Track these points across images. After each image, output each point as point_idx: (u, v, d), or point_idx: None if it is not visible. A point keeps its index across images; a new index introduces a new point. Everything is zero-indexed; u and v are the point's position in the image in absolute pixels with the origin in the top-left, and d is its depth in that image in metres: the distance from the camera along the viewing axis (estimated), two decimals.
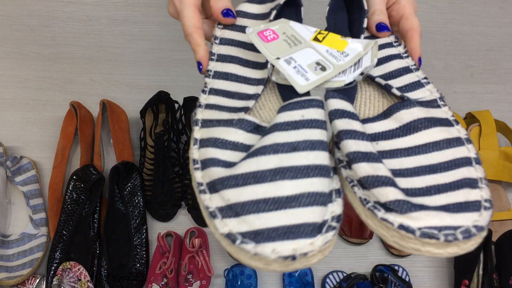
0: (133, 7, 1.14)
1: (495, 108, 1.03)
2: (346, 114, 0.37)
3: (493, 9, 1.20)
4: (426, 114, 0.38)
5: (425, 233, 0.30)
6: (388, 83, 0.42)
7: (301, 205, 0.31)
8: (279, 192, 0.31)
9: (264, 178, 0.32)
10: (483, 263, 0.82)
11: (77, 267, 0.81)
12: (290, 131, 0.35)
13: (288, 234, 0.30)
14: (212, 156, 0.35)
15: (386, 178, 0.33)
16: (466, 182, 0.33)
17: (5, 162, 0.87)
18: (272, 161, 0.33)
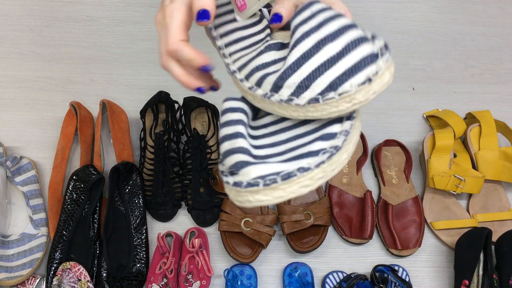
0: (133, 7, 1.14)
1: (495, 108, 1.03)
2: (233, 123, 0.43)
3: (493, 9, 1.20)
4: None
5: (249, 183, 0.36)
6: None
7: (352, 50, 0.38)
8: (329, 54, 0.38)
9: (310, 53, 0.39)
10: (483, 263, 0.82)
11: (77, 267, 0.81)
12: (310, 21, 0.41)
13: (356, 70, 0.37)
14: (262, 74, 0.42)
15: (239, 148, 0.39)
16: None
17: (5, 162, 0.87)
18: (309, 40, 0.40)
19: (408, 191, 0.94)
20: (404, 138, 0.99)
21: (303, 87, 0.38)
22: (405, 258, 0.89)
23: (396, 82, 1.09)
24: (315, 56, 0.39)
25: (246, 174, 0.37)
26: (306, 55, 0.39)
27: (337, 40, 0.39)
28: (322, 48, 0.39)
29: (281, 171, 0.36)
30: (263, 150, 0.41)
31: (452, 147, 0.94)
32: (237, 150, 0.39)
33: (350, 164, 0.96)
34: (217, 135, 0.95)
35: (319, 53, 0.39)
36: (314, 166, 0.37)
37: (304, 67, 0.39)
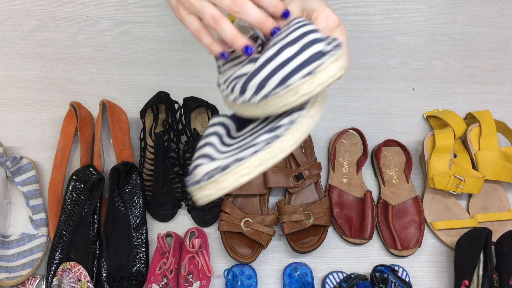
0: (133, 7, 1.14)
1: (495, 108, 1.03)
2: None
3: (493, 9, 1.20)
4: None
5: (197, 181, 0.42)
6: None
7: (305, 50, 0.41)
8: (285, 56, 0.42)
9: (272, 58, 0.43)
10: (483, 263, 0.82)
11: (77, 267, 0.81)
12: (283, 33, 0.45)
13: (302, 66, 0.41)
14: (236, 82, 0.46)
15: (202, 155, 0.44)
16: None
17: (5, 162, 0.87)
18: (274, 48, 0.44)
19: (408, 191, 0.94)
20: (404, 138, 0.99)
21: (261, 87, 0.42)
22: (405, 258, 0.89)
23: (396, 82, 1.09)
24: (275, 59, 0.43)
25: (196, 175, 0.43)
26: (268, 60, 0.43)
27: (296, 44, 0.43)
28: (281, 52, 0.43)
29: (220, 165, 0.41)
30: (226, 154, 0.45)
31: (452, 147, 0.94)
32: (199, 156, 0.45)
33: (350, 164, 0.96)
34: None
35: (278, 57, 0.43)
36: (249, 155, 0.41)
37: (265, 70, 0.43)
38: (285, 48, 0.43)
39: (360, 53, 1.11)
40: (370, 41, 1.14)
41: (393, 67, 1.11)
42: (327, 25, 0.50)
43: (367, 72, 1.10)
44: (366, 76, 1.09)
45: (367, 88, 1.08)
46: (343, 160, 0.96)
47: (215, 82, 1.07)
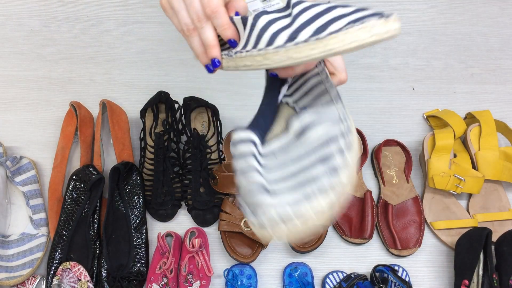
0: (133, 7, 1.14)
1: (495, 108, 1.03)
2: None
3: (493, 9, 1.20)
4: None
5: (269, 221, 0.40)
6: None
7: (362, 11, 0.40)
8: (341, 12, 0.41)
9: (324, 12, 0.41)
10: (483, 263, 0.82)
11: (77, 267, 0.81)
12: (319, 5, 0.43)
13: (361, 19, 0.39)
14: (271, 34, 0.43)
15: (255, 185, 0.43)
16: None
17: (5, 162, 0.87)
18: (319, 8, 0.42)
19: (408, 191, 0.94)
20: (404, 138, 0.99)
21: (321, 30, 0.40)
22: (405, 258, 0.89)
23: (396, 82, 1.09)
24: (328, 13, 0.41)
25: (264, 214, 0.41)
26: (316, 15, 0.41)
27: (347, 7, 0.41)
28: (334, 10, 0.41)
29: (295, 209, 0.40)
30: (277, 185, 0.43)
31: (452, 147, 0.94)
32: (254, 188, 0.43)
33: None
34: (217, 135, 0.95)
35: (331, 11, 0.41)
36: (325, 206, 0.40)
37: (318, 20, 0.41)
38: (337, 7, 0.41)
39: (360, 53, 1.11)
40: None
41: (393, 67, 1.11)
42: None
43: (367, 72, 1.10)
44: (366, 76, 1.09)
45: (367, 88, 1.08)
46: None
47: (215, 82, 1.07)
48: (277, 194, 0.42)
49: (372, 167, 0.99)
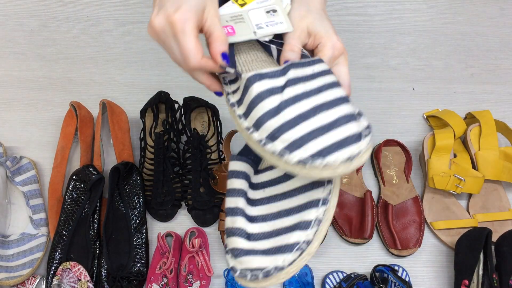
0: (133, 7, 1.14)
1: (495, 108, 1.03)
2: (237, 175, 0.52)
3: (493, 9, 1.20)
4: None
5: (241, 273, 0.44)
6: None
7: (342, 124, 0.42)
8: (324, 121, 0.43)
9: (308, 115, 0.43)
10: (483, 263, 0.82)
11: (77, 267, 0.81)
12: (311, 81, 0.46)
13: (342, 145, 0.41)
14: (258, 116, 0.45)
15: (238, 230, 0.47)
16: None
17: (5, 162, 0.87)
18: (309, 103, 0.44)
19: (408, 191, 0.94)
20: (404, 138, 0.99)
21: (296, 145, 0.42)
22: (405, 258, 0.89)
23: (396, 82, 1.09)
24: (311, 119, 0.43)
25: (239, 263, 0.46)
26: (303, 116, 0.43)
27: (332, 110, 0.43)
28: (318, 114, 0.43)
29: (263, 268, 0.44)
30: (257, 226, 0.48)
31: (452, 147, 0.94)
32: (235, 231, 0.47)
33: None
34: (217, 135, 0.95)
35: (314, 118, 0.43)
36: (287, 264, 0.44)
37: (300, 127, 0.43)
38: (322, 110, 0.43)
39: (360, 53, 1.12)
40: (370, 41, 1.14)
41: (393, 67, 1.11)
42: (333, 55, 0.51)
43: (367, 72, 1.10)
44: (366, 76, 1.09)
45: (367, 88, 1.08)
46: None
47: None
48: (255, 240, 0.47)
49: (372, 167, 0.99)
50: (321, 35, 0.51)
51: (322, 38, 0.51)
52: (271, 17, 0.52)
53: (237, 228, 0.48)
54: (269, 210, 0.49)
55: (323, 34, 0.51)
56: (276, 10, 0.52)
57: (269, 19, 0.52)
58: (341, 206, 0.91)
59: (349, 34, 1.14)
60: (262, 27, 0.51)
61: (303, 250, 0.44)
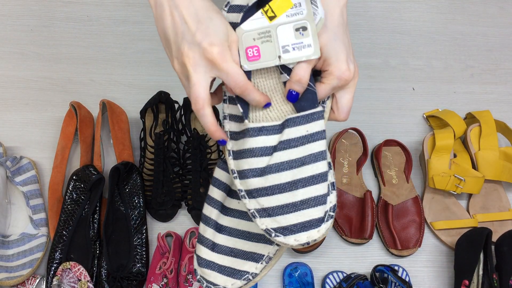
0: (133, 7, 1.14)
1: (495, 108, 1.03)
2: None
3: (493, 9, 1.20)
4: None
5: (203, 283, 0.54)
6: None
7: (310, 207, 0.47)
8: (295, 199, 0.47)
9: (284, 189, 0.48)
10: (483, 263, 0.82)
11: (77, 267, 0.81)
12: (299, 147, 0.48)
13: (303, 228, 0.46)
14: (243, 168, 0.49)
15: (206, 240, 0.56)
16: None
17: (5, 162, 0.87)
18: (289, 175, 0.48)
19: (408, 191, 0.94)
20: (404, 138, 0.99)
21: (267, 213, 0.47)
22: (405, 258, 0.89)
23: (396, 82, 1.09)
24: (286, 193, 0.47)
25: (200, 271, 0.55)
26: (281, 187, 0.48)
27: (306, 188, 0.47)
28: (293, 190, 0.47)
29: (216, 285, 0.53)
30: (223, 238, 0.55)
31: (452, 147, 0.94)
32: (204, 240, 0.56)
33: (350, 164, 0.96)
34: None
35: (289, 193, 0.47)
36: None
37: (274, 198, 0.48)
38: (298, 187, 0.47)
39: (360, 53, 1.12)
40: (370, 41, 1.14)
41: (393, 67, 1.11)
42: (338, 84, 0.50)
43: (367, 72, 1.10)
44: (366, 76, 1.09)
45: (367, 88, 1.08)
46: (343, 160, 0.96)
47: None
48: (217, 253, 0.55)
49: (372, 167, 0.99)
50: (329, 62, 0.49)
51: (329, 65, 0.49)
52: (299, 37, 0.48)
53: (205, 238, 0.55)
54: (237, 225, 0.55)
55: (333, 61, 0.49)
56: (307, 28, 0.48)
57: (297, 39, 0.48)
58: (341, 206, 0.91)
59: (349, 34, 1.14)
60: (288, 50, 0.48)
61: (249, 280, 0.53)
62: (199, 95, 0.47)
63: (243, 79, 0.47)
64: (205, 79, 0.47)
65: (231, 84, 0.47)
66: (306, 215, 0.47)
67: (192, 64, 0.46)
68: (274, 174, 0.48)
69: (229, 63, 0.46)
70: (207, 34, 0.46)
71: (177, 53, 0.48)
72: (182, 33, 0.47)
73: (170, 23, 0.48)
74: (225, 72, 0.46)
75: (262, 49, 0.49)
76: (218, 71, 0.47)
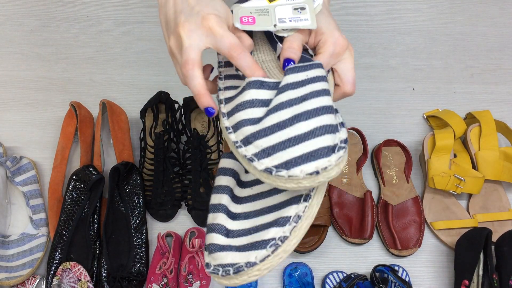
0: (133, 7, 1.14)
1: (495, 108, 1.03)
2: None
3: (493, 9, 1.20)
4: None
5: (213, 270, 0.43)
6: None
7: (316, 136, 0.41)
8: (298, 131, 0.42)
9: (285, 124, 0.42)
10: (483, 263, 0.82)
11: (77, 267, 0.81)
12: (299, 88, 0.45)
13: (310, 158, 0.40)
14: (240, 119, 0.45)
15: (217, 226, 0.47)
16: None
17: (5, 162, 0.87)
18: (289, 112, 0.43)
19: (408, 191, 0.94)
20: (404, 138, 0.99)
21: (266, 153, 0.42)
22: (405, 258, 0.89)
23: (396, 82, 1.09)
24: (287, 129, 0.42)
25: (213, 259, 0.44)
26: (280, 124, 0.43)
27: (309, 120, 0.42)
28: (295, 124, 0.42)
29: (235, 264, 0.42)
30: (238, 223, 0.47)
31: (452, 147, 0.94)
32: (214, 227, 0.47)
33: (350, 164, 0.96)
34: (217, 135, 0.95)
35: (290, 128, 0.42)
36: (259, 260, 0.42)
37: (274, 136, 0.42)
38: (299, 120, 0.42)
39: (360, 53, 1.12)
40: (370, 41, 1.14)
41: (393, 67, 1.11)
42: (335, 51, 0.50)
43: (367, 72, 1.10)
44: (366, 76, 1.09)
45: (367, 88, 1.08)
46: None
47: None
48: (233, 237, 0.46)
49: (372, 167, 0.99)
50: (322, 31, 0.50)
51: (323, 34, 0.50)
52: (297, 14, 0.49)
53: (216, 224, 0.47)
54: (253, 207, 0.48)
55: (325, 30, 0.50)
56: (305, 8, 0.49)
57: (294, 15, 0.49)
58: (341, 206, 0.91)
59: (349, 34, 1.14)
60: (285, 21, 0.49)
61: (277, 246, 0.42)
62: (189, 56, 0.46)
63: (238, 42, 0.46)
64: (197, 44, 0.46)
65: (225, 45, 0.46)
66: (312, 145, 0.41)
67: (186, 31, 0.46)
68: (273, 114, 0.43)
69: (226, 30, 0.46)
70: (206, 6, 0.47)
71: (174, 28, 0.48)
72: (181, 10, 0.48)
73: (172, 5, 0.49)
74: (220, 35, 0.46)
75: (258, 19, 0.49)
76: (213, 37, 0.46)
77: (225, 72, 0.52)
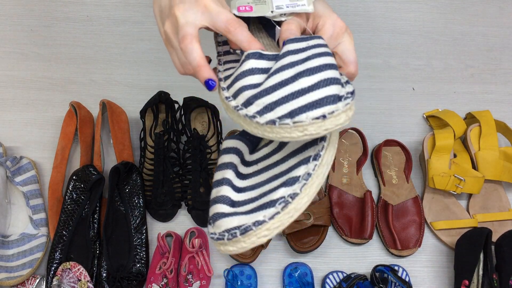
0: (133, 7, 1.14)
1: (495, 108, 1.03)
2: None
3: (493, 9, 1.20)
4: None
5: (218, 237, 0.41)
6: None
7: (321, 87, 0.40)
8: (302, 85, 0.41)
9: (287, 82, 0.41)
10: (483, 263, 0.82)
11: (77, 267, 0.81)
12: (301, 53, 0.44)
13: (316, 105, 0.39)
14: (240, 86, 0.44)
15: (222, 197, 0.45)
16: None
17: (5, 162, 0.87)
18: (291, 71, 0.42)
19: (408, 191, 0.94)
20: (404, 138, 0.99)
21: (269, 109, 0.41)
22: (405, 258, 0.89)
23: (396, 82, 1.09)
24: (290, 85, 0.41)
25: (217, 227, 0.42)
26: (283, 82, 0.42)
27: (313, 75, 0.41)
28: (298, 79, 0.41)
29: (241, 225, 0.40)
30: (244, 194, 0.45)
31: (452, 147, 0.94)
32: (218, 199, 0.45)
33: (350, 164, 0.96)
34: (217, 135, 0.95)
35: (293, 83, 0.41)
36: (268, 218, 0.40)
37: (277, 92, 0.41)
38: (302, 76, 0.41)
39: (360, 53, 1.10)
40: (370, 41, 1.14)
41: (393, 67, 1.11)
42: (334, 32, 0.50)
43: (367, 72, 1.10)
44: (366, 76, 1.09)
45: (367, 88, 1.08)
46: (343, 160, 0.96)
47: None
48: (239, 206, 0.44)
49: (372, 167, 0.99)
50: (319, 15, 0.50)
51: (321, 17, 0.50)
52: (294, 1, 0.50)
53: (221, 195, 0.45)
54: (259, 179, 0.46)
55: (322, 13, 0.50)
56: None
57: (291, 1, 0.50)
58: (341, 206, 0.91)
59: None
60: (282, 7, 0.49)
61: (287, 202, 0.40)
62: (187, 31, 0.45)
63: (234, 17, 0.46)
64: (193, 21, 0.46)
65: (222, 20, 0.46)
66: (317, 94, 0.39)
67: (181, 11, 0.46)
68: (274, 75, 0.43)
69: (221, 7, 0.46)
70: None
71: (169, 11, 0.48)
72: None
73: None
74: (216, 12, 0.46)
75: (255, 7, 0.49)
76: (209, 14, 0.46)
77: (224, 59, 0.52)
